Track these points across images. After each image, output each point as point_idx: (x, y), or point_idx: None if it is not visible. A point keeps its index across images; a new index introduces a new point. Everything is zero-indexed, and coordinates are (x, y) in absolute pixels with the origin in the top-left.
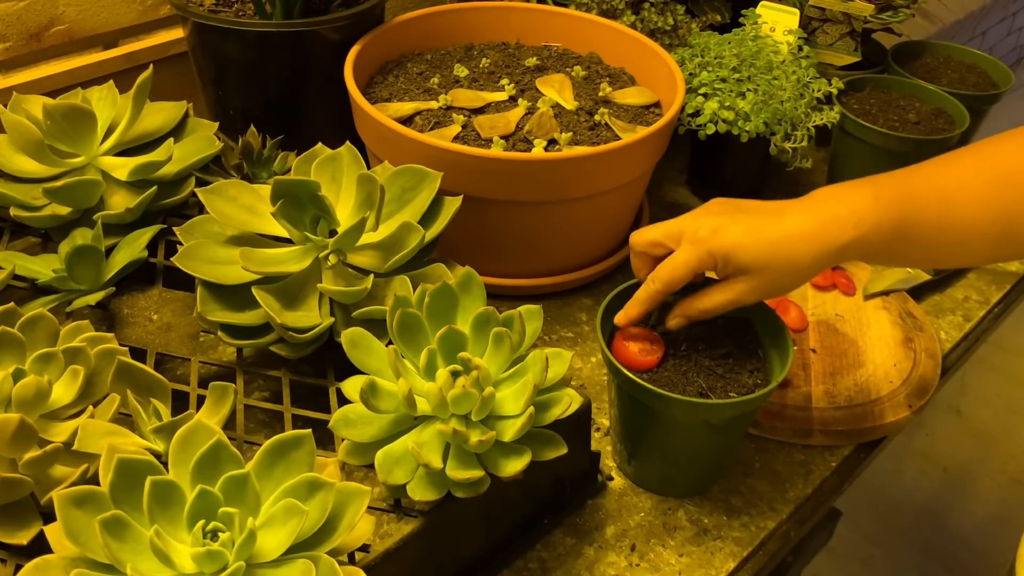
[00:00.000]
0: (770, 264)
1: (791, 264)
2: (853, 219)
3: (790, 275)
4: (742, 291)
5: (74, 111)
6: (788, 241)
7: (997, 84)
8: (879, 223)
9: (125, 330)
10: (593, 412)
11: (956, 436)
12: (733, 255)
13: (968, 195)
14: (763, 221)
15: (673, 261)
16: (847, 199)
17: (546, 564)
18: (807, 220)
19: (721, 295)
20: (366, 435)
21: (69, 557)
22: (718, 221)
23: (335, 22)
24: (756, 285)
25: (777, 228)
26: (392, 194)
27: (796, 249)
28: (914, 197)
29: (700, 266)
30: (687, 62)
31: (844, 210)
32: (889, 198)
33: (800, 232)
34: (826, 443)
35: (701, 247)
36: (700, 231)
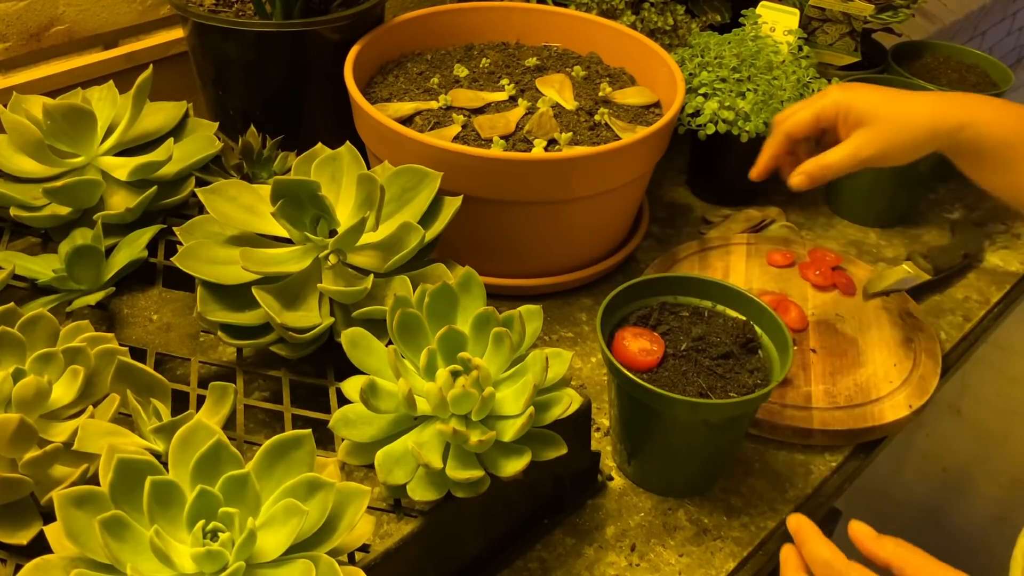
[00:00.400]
0: (888, 114)
1: (908, 121)
2: (975, 108)
3: (905, 132)
4: (860, 143)
5: (74, 111)
6: (909, 100)
7: (997, 84)
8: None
9: (125, 330)
10: (593, 412)
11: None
12: (855, 102)
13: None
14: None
15: (799, 107)
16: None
17: (546, 564)
18: (934, 97)
19: (841, 150)
20: (366, 435)
21: (69, 557)
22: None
23: (335, 22)
24: (873, 136)
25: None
26: (392, 194)
27: (915, 109)
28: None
29: (823, 112)
30: (687, 62)
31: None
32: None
33: (924, 100)
34: (826, 443)
35: (827, 97)
36: (831, 88)
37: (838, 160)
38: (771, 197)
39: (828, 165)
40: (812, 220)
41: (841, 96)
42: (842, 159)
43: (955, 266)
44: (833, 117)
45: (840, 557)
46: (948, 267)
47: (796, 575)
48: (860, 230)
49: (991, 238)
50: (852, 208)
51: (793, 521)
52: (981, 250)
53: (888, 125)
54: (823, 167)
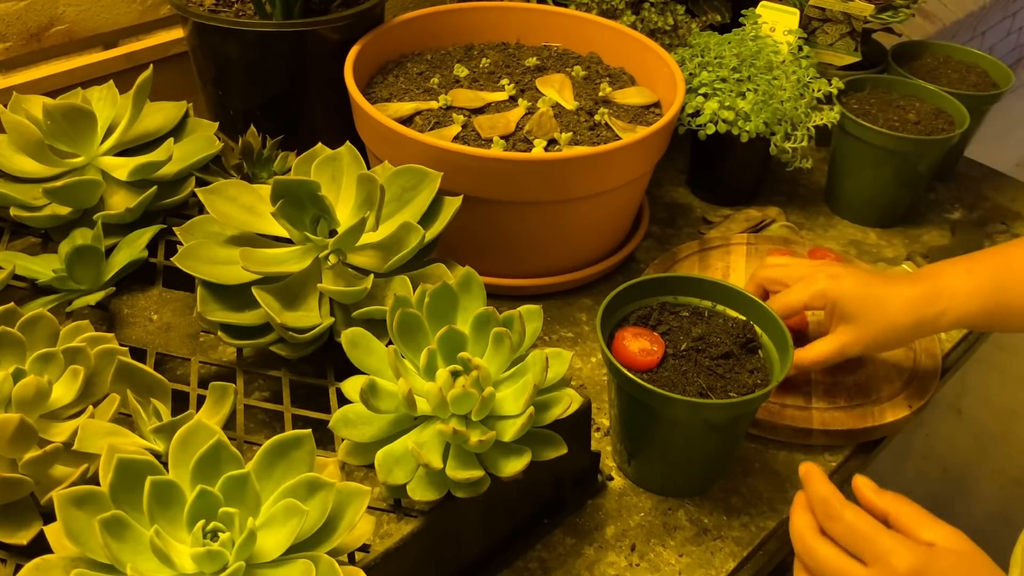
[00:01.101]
0: (872, 318)
1: (890, 322)
2: (949, 290)
3: (889, 332)
4: (846, 341)
5: (74, 111)
6: (891, 300)
7: (997, 84)
8: (973, 293)
9: (125, 330)
10: (593, 412)
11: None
12: (842, 300)
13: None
14: (874, 280)
15: (789, 294)
16: (945, 273)
17: (546, 564)
18: (910, 290)
19: (827, 344)
20: (366, 435)
21: (69, 557)
22: (835, 270)
23: (335, 22)
24: (859, 336)
25: (884, 289)
26: (392, 194)
27: (897, 310)
28: (1007, 267)
29: (811, 301)
30: (687, 62)
31: (942, 283)
32: (983, 270)
33: (903, 297)
34: (826, 443)
35: (816, 286)
36: (818, 274)
37: (824, 356)
38: (771, 197)
39: (814, 361)
40: (812, 220)
41: (830, 289)
42: (828, 355)
43: None
44: (820, 307)
45: (838, 496)
46: None
47: (800, 512)
48: (860, 230)
49: (991, 238)
50: (852, 208)
51: (803, 467)
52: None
53: (873, 327)
54: (812, 361)
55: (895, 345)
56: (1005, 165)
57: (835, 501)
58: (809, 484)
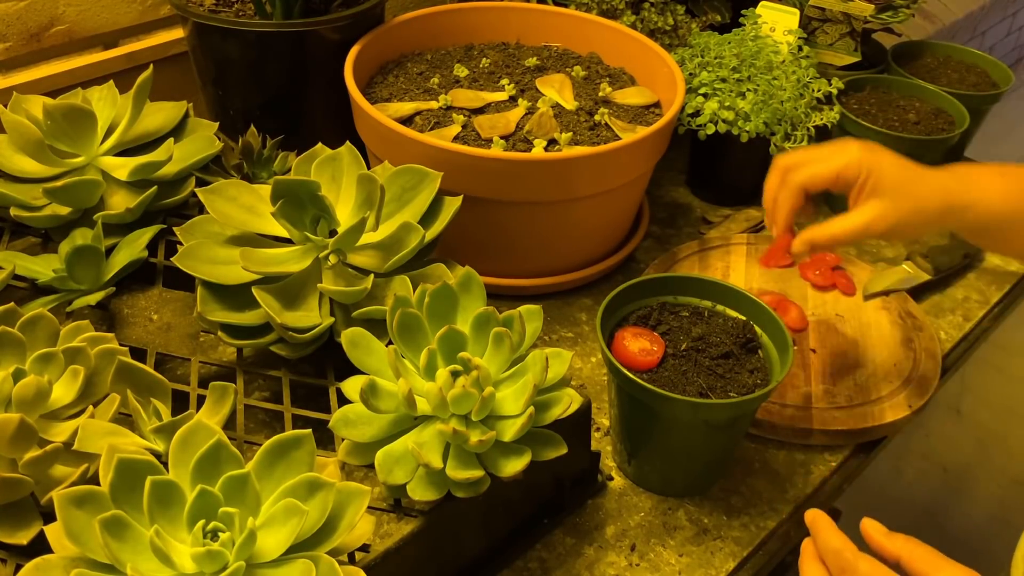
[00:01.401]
0: (905, 192)
1: (922, 201)
2: (980, 184)
3: (918, 213)
4: (875, 216)
5: (74, 111)
6: (924, 180)
7: (997, 84)
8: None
9: (125, 330)
10: (593, 412)
11: (956, 436)
12: (877, 170)
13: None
14: (908, 161)
15: (820, 160)
16: (981, 170)
17: (546, 564)
18: (944, 175)
19: (854, 220)
20: (366, 435)
21: (69, 557)
22: (870, 144)
23: (335, 22)
24: (888, 211)
25: (920, 169)
26: (392, 194)
27: (928, 188)
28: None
29: (846, 170)
30: (687, 62)
31: (975, 176)
32: (1016, 175)
33: (936, 181)
34: (826, 443)
35: (851, 155)
36: (851, 145)
37: (849, 231)
38: None
39: (836, 236)
40: (812, 220)
41: (866, 158)
42: (854, 231)
43: (955, 266)
44: (854, 178)
45: (851, 547)
46: (948, 267)
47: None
48: None
49: None
50: None
51: (809, 515)
52: (981, 250)
53: (904, 203)
54: (831, 237)
55: (919, 229)
56: None
57: (848, 553)
58: (818, 535)
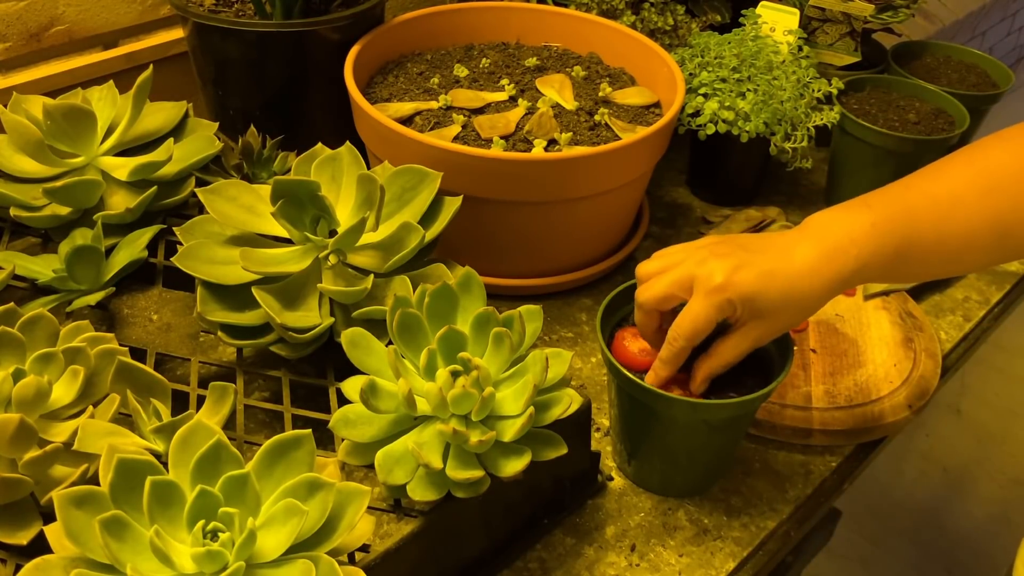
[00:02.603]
0: (785, 306)
1: (802, 303)
2: (855, 249)
3: (802, 312)
4: (758, 336)
5: (74, 111)
6: (801, 280)
7: (997, 84)
8: (879, 250)
9: (125, 330)
10: (593, 412)
11: (956, 436)
12: (751, 302)
13: (962, 207)
14: (773, 263)
15: (694, 316)
16: (846, 226)
17: (546, 564)
18: (812, 254)
19: (739, 345)
20: (366, 435)
21: (69, 557)
22: (729, 265)
23: (335, 22)
24: (771, 327)
25: (788, 268)
26: (392, 194)
27: (806, 287)
28: (910, 218)
29: (720, 315)
30: (687, 62)
31: (845, 240)
32: (886, 223)
33: (808, 269)
34: (826, 443)
35: (720, 296)
36: (714, 278)
37: (739, 355)
38: (771, 197)
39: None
40: None
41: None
42: (744, 353)
43: None
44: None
45: None
46: None
47: None
48: None
49: None
50: None
51: None
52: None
53: (786, 317)
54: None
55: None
56: None
57: None
58: None
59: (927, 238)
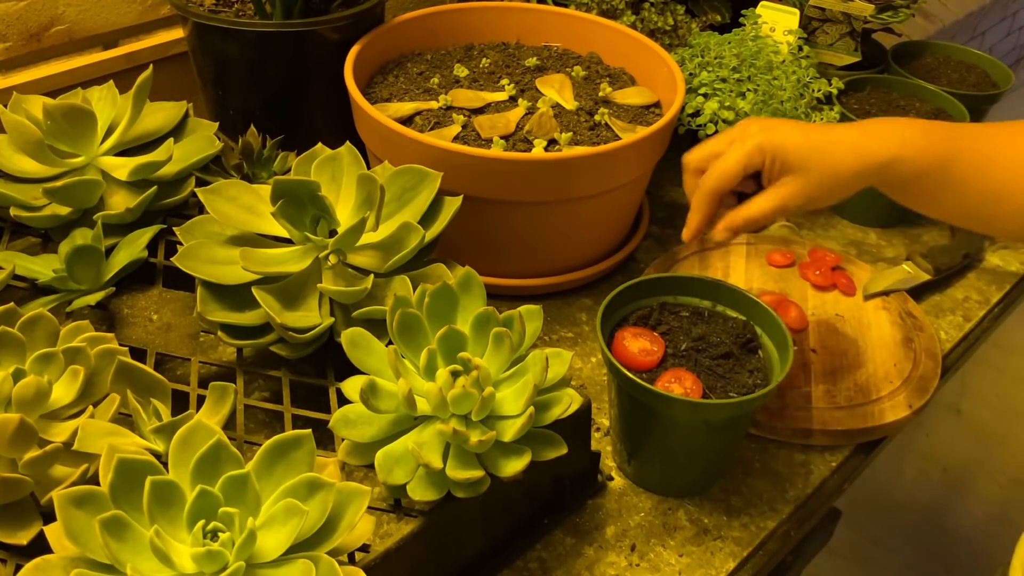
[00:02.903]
0: (816, 164)
1: (834, 168)
2: (898, 140)
3: (832, 179)
4: (787, 194)
5: (74, 111)
6: (834, 145)
7: (997, 84)
8: (924, 150)
9: (125, 330)
10: (593, 412)
11: (956, 436)
12: (781, 149)
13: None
14: (811, 127)
15: (723, 158)
16: (896, 123)
17: (546, 564)
18: (854, 132)
19: (767, 200)
20: (366, 435)
21: (69, 557)
22: (767, 122)
23: (335, 22)
24: (801, 187)
25: (824, 133)
26: (392, 194)
27: (840, 155)
28: (963, 137)
29: (749, 161)
30: (687, 62)
31: (890, 130)
32: (938, 134)
33: (847, 140)
34: (826, 443)
35: (751, 142)
36: (750, 128)
37: (765, 211)
38: None
39: (752, 217)
40: (812, 220)
41: (767, 141)
42: (770, 210)
43: (955, 266)
44: (759, 164)
45: None
46: (948, 267)
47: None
48: (860, 230)
49: (991, 238)
50: (852, 208)
51: None
52: (981, 250)
53: (816, 174)
54: (748, 220)
55: (838, 193)
56: None
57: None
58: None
59: (972, 162)
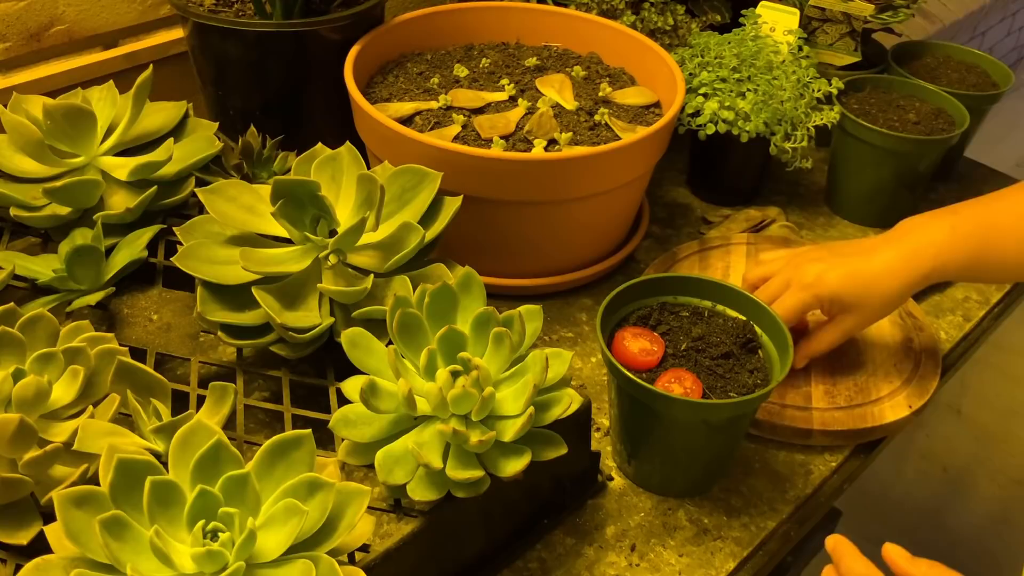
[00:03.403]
0: (867, 301)
1: (884, 298)
2: (932, 250)
3: (884, 306)
4: (849, 327)
5: (74, 111)
6: (879, 279)
7: (997, 84)
8: (957, 251)
9: (125, 330)
10: (593, 412)
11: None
12: (837, 297)
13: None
14: (857, 263)
15: (785, 305)
16: (927, 230)
17: (546, 564)
18: (893, 256)
19: (834, 334)
20: (366, 435)
21: (69, 557)
22: (820, 268)
23: (335, 22)
24: (859, 320)
25: (869, 268)
26: (392, 194)
27: (887, 285)
28: (992, 223)
29: (806, 308)
30: (687, 62)
31: (924, 241)
32: (966, 225)
33: (888, 269)
34: (826, 443)
35: (809, 292)
36: (806, 278)
37: (833, 344)
38: (771, 197)
39: (822, 351)
40: (812, 220)
41: (823, 291)
42: (837, 342)
43: None
44: (817, 307)
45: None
46: None
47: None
48: (860, 230)
49: None
50: (852, 208)
51: (831, 541)
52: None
53: (870, 308)
54: (817, 353)
55: (892, 311)
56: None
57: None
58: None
59: (1006, 244)
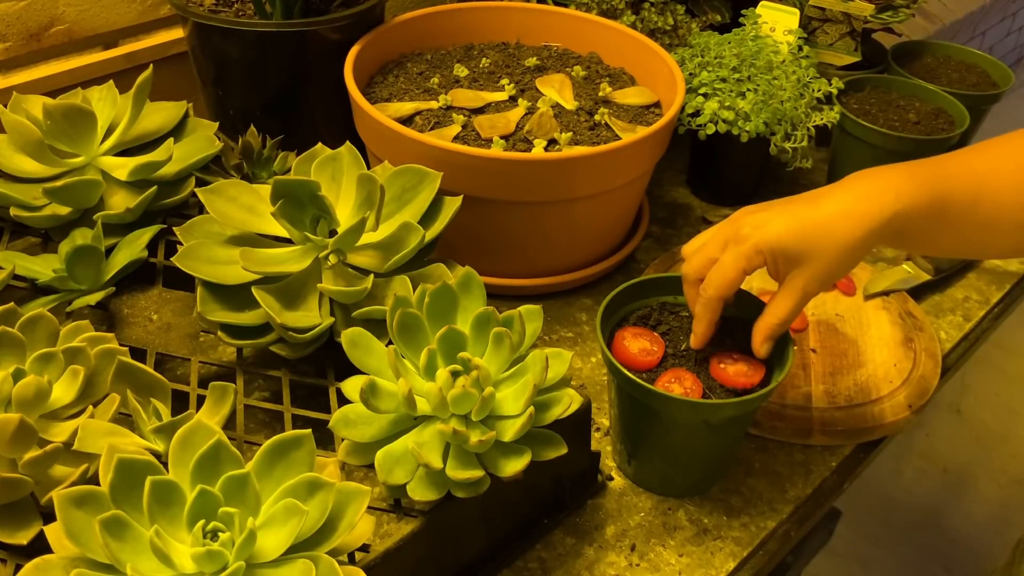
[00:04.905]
0: (820, 247)
1: (839, 244)
2: (892, 193)
3: (841, 255)
4: (803, 285)
5: (74, 111)
6: (832, 221)
7: (997, 84)
8: (917, 197)
9: (125, 330)
10: (593, 412)
11: (956, 436)
12: (779, 245)
13: (1000, 179)
14: (801, 208)
15: (721, 265)
16: (882, 176)
17: (546, 564)
18: (847, 198)
19: (786, 300)
20: (366, 435)
21: (69, 557)
22: (757, 218)
23: (335, 22)
24: (812, 274)
25: (817, 211)
26: (392, 194)
27: (843, 229)
28: (949, 176)
29: (749, 264)
30: (687, 62)
31: (881, 185)
32: (924, 176)
33: (842, 211)
34: (826, 443)
35: (746, 244)
36: (742, 230)
37: (790, 310)
38: (771, 197)
39: (782, 319)
40: None
41: (761, 241)
42: (794, 308)
43: (955, 266)
44: (760, 264)
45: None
46: (948, 267)
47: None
48: None
49: None
50: None
51: None
52: None
53: (823, 257)
54: (779, 323)
55: (853, 264)
56: None
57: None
58: None
59: (963, 200)
